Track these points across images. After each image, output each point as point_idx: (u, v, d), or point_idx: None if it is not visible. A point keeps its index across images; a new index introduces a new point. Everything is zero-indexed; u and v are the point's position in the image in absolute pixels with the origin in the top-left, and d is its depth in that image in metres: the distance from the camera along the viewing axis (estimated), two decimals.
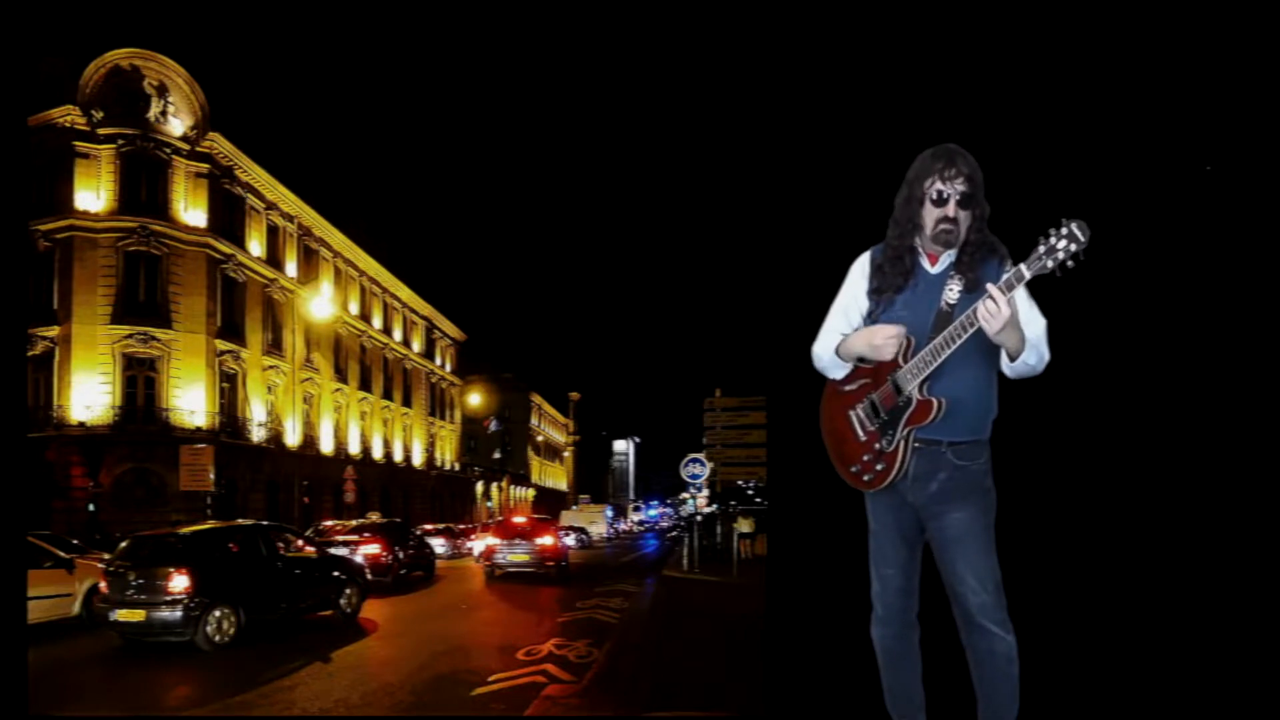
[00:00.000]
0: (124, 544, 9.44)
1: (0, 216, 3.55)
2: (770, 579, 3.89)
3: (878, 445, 2.80)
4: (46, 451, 23.39)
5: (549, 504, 62.10)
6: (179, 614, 8.25)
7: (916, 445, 2.76)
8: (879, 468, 2.80)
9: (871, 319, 2.87)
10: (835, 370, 2.96)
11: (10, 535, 3.56)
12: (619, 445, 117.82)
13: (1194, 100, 3.15)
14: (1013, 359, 2.63)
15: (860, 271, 2.96)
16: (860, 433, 2.86)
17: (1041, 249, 2.43)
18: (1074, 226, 2.39)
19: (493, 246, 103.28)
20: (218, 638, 8.44)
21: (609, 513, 49.85)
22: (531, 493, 68.23)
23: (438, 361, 50.05)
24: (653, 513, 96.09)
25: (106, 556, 10.42)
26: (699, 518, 21.00)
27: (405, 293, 44.37)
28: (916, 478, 2.77)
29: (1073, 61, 3.28)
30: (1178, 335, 3.19)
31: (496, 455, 55.72)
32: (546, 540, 17.09)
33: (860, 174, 3.48)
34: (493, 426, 52.61)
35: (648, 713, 5.45)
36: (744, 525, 19.95)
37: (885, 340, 2.74)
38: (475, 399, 52.20)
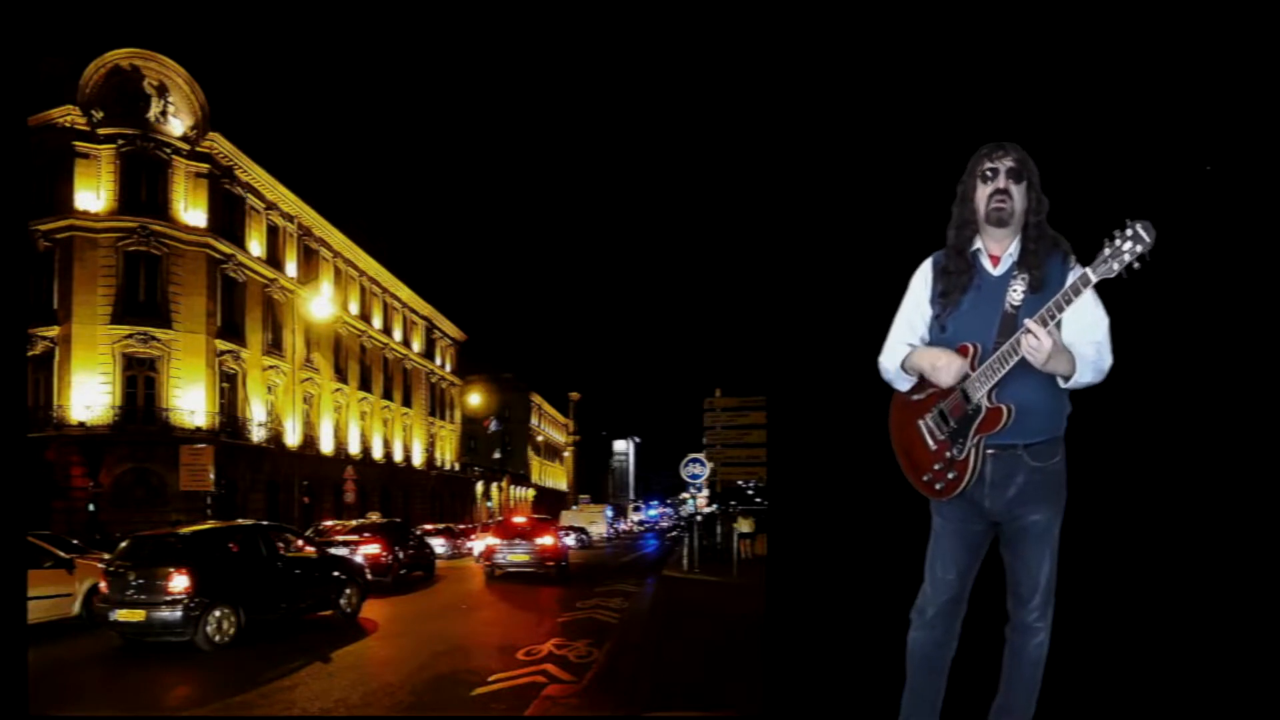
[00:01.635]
0: (124, 544, 9.43)
1: (0, 216, 3.55)
2: (770, 579, 3.89)
3: (948, 454, 2.77)
4: (46, 451, 23.38)
5: (549, 504, 62.08)
6: (179, 614, 8.25)
7: (991, 451, 2.73)
8: (950, 476, 2.77)
9: (938, 323, 2.84)
10: (901, 383, 2.93)
11: (10, 535, 3.56)
12: (619, 445, 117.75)
13: (1194, 100, 3.15)
14: (1065, 381, 2.62)
15: (922, 280, 2.93)
16: (930, 441, 2.83)
17: (1107, 251, 2.38)
18: (1139, 227, 2.33)
19: (493, 246, 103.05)
20: (218, 638, 8.44)
21: (609, 513, 49.81)
22: (531, 493, 68.20)
23: (438, 361, 50.04)
24: (653, 513, 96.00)
25: (106, 556, 10.41)
26: (699, 518, 20.99)
27: (405, 293, 44.36)
28: (994, 484, 2.75)
29: (1079, 65, 3.27)
30: (1177, 337, 3.19)
31: (496, 455, 55.70)
32: (546, 540, 17.09)
33: (861, 175, 3.48)
34: (493, 426, 52.59)
35: (648, 713, 5.45)
36: (744, 525, 19.94)
37: (946, 365, 2.72)
38: (475, 399, 52.20)
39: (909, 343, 2.89)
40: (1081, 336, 2.62)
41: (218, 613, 8.48)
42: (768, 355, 3.83)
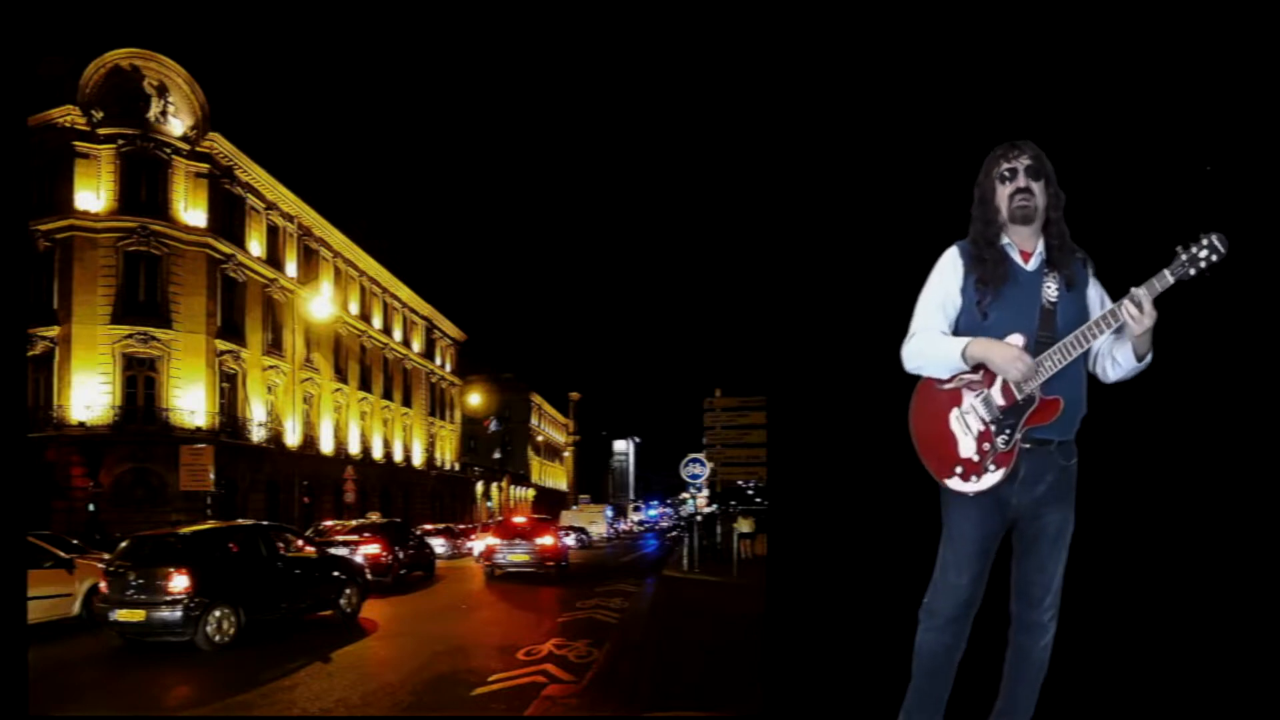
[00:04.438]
0: (124, 544, 9.43)
1: (0, 216, 3.55)
2: (770, 579, 3.89)
3: (988, 445, 2.70)
4: (46, 451, 23.37)
5: (549, 504, 62.07)
6: (179, 614, 8.25)
7: (1026, 446, 2.69)
8: (990, 467, 2.69)
9: (979, 310, 2.77)
10: (942, 370, 2.79)
11: (10, 535, 3.56)
12: (619, 445, 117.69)
13: (1194, 100, 3.15)
14: (1140, 359, 2.65)
15: (951, 268, 2.84)
16: (968, 433, 2.74)
17: (1184, 257, 2.47)
18: (1215, 239, 2.44)
19: (493, 246, 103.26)
20: (218, 638, 8.43)
21: (609, 513, 49.84)
22: (531, 493, 68.19)
23: (438, 361, 50.04)
24: (653, 513, 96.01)
25: (106, 556, 10.41)
26: (699, 518, 20.99)
27: (405, 293, 44.36)
28: (1025, 480, 2.70)
29: (1079, 63, 3.28)
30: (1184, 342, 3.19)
31: (496, 455, 55.70)
32: (546, 540, 17.10)
33: (861, 174, 3.48)
34: (493, 426, 52.60)
35: (648, 713, 5.45)
36: (744, 525, 19.92)
37: (1010, 358, 2.64)
38: (475, 399, 52.19)
39: (942, 330, 2.82)
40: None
41: (218, 613, 8.48)
42: (768, 355, 3.83)
